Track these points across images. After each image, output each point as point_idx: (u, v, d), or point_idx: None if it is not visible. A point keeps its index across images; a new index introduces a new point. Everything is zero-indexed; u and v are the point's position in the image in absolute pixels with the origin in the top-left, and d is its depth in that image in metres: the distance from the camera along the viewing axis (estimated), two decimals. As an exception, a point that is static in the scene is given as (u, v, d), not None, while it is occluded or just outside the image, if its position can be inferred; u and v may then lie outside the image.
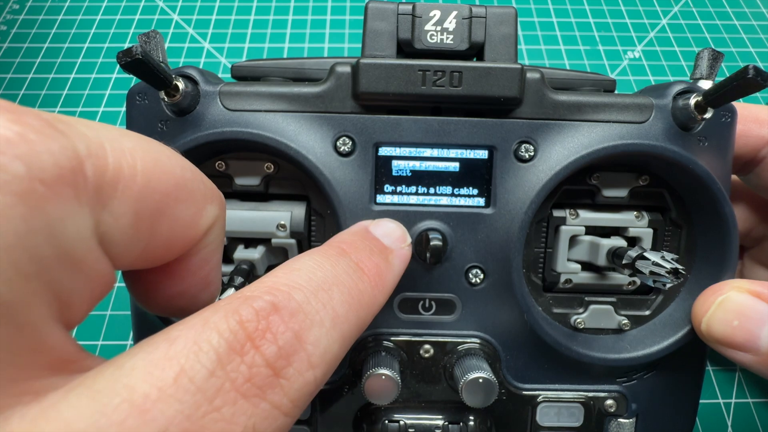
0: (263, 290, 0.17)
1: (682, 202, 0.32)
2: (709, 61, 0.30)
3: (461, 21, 0.29)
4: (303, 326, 0.17)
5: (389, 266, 0.24)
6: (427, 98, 0.29)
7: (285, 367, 0.16)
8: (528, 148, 0.30)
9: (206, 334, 0.15)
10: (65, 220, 0.14)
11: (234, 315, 0.16)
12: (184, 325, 0.15)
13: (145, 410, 0.13)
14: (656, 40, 0.67)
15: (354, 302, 0.20)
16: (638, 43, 0.66)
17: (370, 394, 0.29)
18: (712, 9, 0.70)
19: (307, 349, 0.17)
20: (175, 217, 0.18)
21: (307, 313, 0.18)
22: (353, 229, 0.26)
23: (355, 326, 0.20)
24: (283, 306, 0.17)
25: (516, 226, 0.30)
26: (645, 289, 0.33)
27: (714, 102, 0.28)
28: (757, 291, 0.28)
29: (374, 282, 0.22)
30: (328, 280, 0.20)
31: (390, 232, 0.26)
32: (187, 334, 0.15)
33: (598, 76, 0.35)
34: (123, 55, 0.24)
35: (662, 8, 0.70)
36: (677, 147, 0.29)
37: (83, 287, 0.15)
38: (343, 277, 0.20)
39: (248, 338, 0.16)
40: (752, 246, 0.40)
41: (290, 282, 0.18)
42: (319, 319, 0.18)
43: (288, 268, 0.19)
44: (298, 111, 0.30)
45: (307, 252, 0.22)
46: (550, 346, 0.31)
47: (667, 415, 0.33)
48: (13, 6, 0.67)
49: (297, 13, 0.69)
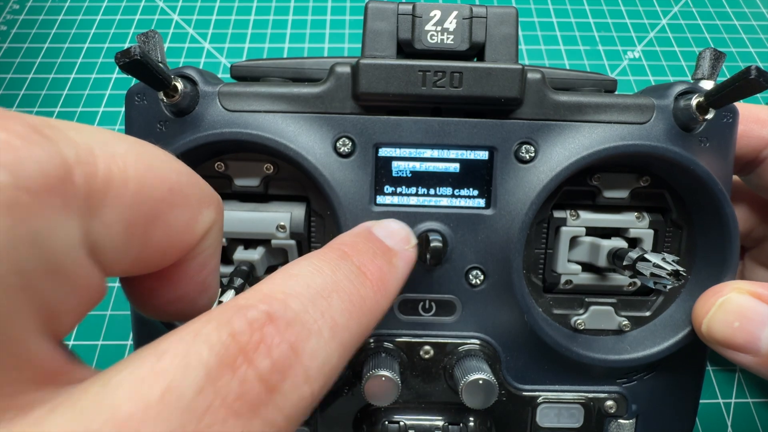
0: (258, 298, 0.16)
1: (683, 203, 0.32)
2: (711, 61, 0.30)
3: (462, 21, 0.29)
4: (299, 337, 0.16)
5: (393, 269, 0.23)
6: (427, 99, 0.29)
7: (280, 382, 0.15)
8: (528, 148, 0.30)
9: (196, 347, 0.14)
10: (52, 231, 0.13)
11: (226, 326, 0.15)
12: (174, 337, 0.15)
13: (130, 430, 0.13)
14: (656, 40, 0.67)
15: (355, 309, 0.19)
16: (638, 43, 0.66)
17: (370, 395, 0.29)
18: (711, 9, 0.70)
19: (304, 362, 0.16)
20: (170, 223, 0.17)
21: (305, 323, 0.17)
22: (355, 230, 0.25)
23: (356, 335, 0.19)
24: (279, 316, 0.16)
25: (516, 227, 0.30)
26: (645, 290, 0.33)
27: (716, 103, 0.27)
28: (758, 292, 0.27)
29: (377, 287, 0.21)
30: (327, 286, 0.19)
31: (394, 233, 0.25)
32: (176, 348, 0.14)
33: (600, 75, 0.34)
34: (121, 56, 0.24)
35: (662, 8, 0.70)
36: (678, 148, 0.29)
37: (71, 298, 0.14)
38: (343, 283, 0.19)
39: (240, 351, 0.15)
40: (753, 246, 0.40)
41: (287, 289, 0.17)
42: (317, 329, 0.17)
43: (285, 274, 0.18)
44: (298, 112, 0.29)
45: (307, 255, 0.21)
46: (550, 347, 0.31)
47: (667, 416, 0.33)
48: (14, 6, 0.67)
49: (297, 13, 0.69)
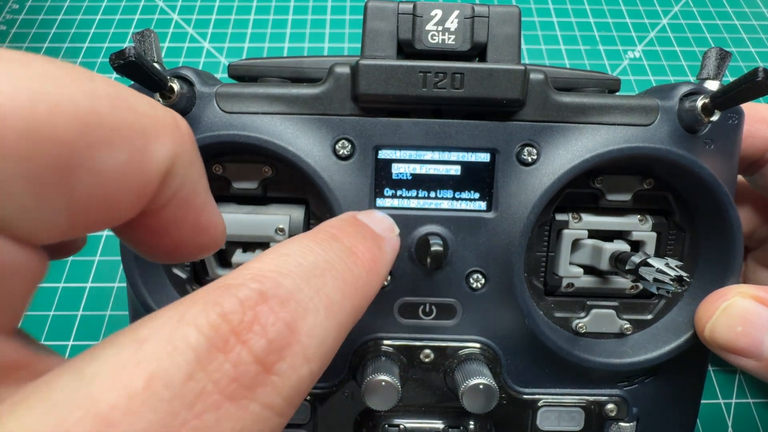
0: (248, 277, 0.15)
1: (686, 206, 0.31)
2: (716, 60, 0.29)
3: (463, 21, 0.28)
4: (296, 316, 0.15)
5: (382, 253, 0.22)
6: (428, 100, 0.28)
7: (277, 362, 0.14)
8: (531, 151, 0.29)
9: (182, 331, 0.13)
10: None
11: (215, 307, 0.14)
12: (155, 322, 0.13)
13: (113, 423, 0.11)
14: (657, 40, 0.67)
15: (349, 288, 0.18)
16: (639, 43, 0.66)
17: (370, 399, 0.28)
18: (712, 9, 0.70)
19: (302, 341, 0.15)
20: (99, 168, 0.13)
21: (299, 301, 0.15)
22: (341, 216, 0.24)
23: (350, 315, 0.18)
24: (272, 294, 0.15)
25: (518, 231, 0.29)
26: (647, 294, 0.33)
27: (721, 104, 0.27)
28: (762, 297, 0.27)
29: (368, 267, 0.20)
30: (320, 264, 0.18)
31: (379, 220, 0.25)
32: (159, 333, 0.13)
33: (603, 75, 0.34)
34: (116, 58, 0.23)
35: (663, 8, 0.70)
36: (683, 150, 0.29)
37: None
38: (336, 262, 0.18)
39: (232, 332, 0.14)
40: (756, 247, 0.40)
41: (278, 268, 0.16)
42: (314, 307, 0.16)
43: (275, 253, 0.17)
44: (296, 113, 0.29)
45: (295, 237, 0.20)
46: (551, 350, 0.30)
47: (668, 420, 0.33)
48: (13, 6, 0.67)
49: (297, 12, 0.69)
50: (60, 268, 0.50)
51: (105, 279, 0.50)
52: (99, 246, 0.51)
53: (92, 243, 0.51)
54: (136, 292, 0.30)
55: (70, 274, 0.50)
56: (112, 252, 0.51)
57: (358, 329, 0.31)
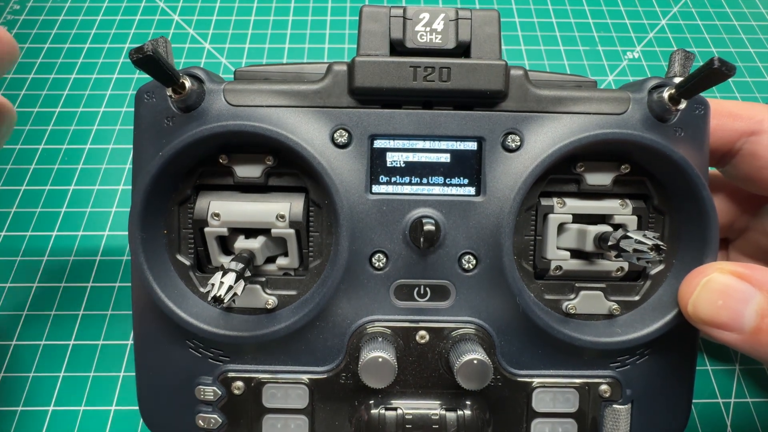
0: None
1: (663, 190, 0.35)
2: (681, 60, 0.34)
3: (448, 22, 0.33)
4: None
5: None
6: (418, 92, 0.32)
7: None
8: (514, 138, 0.33)
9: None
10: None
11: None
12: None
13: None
14: (655, 41, 0.69)
15: None
16: (637, 44, 0.69)
17: (367, 377, 0.31)
18: (711, 9, 0.72)
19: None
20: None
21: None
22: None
23: None
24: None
25: (506, 212, 0.33)
26: (633, 276, 0.36)
27: (686, 93, 0.31)
28: (739, 272, 0.30)
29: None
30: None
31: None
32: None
33: (581, 77, 0.38)
34: (135, 52, 0.27)
35: (661, 9, 0.73)
36: (654, 135, 0.32)
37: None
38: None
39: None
40: (736, 237, 0.43)
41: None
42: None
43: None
44: (297, 106, 0.33)
45: None
46: (543, 330, 0.33)
47: (663, 402, 0.35)
48: (14, 6, 0.70)
49: (297, 13, 0.71)
50: (61, 269, 0.52)
51: (106, 279, 0.52)
52: (100, 246, 0.53)
53: (94, 242, 0.53)
54: (141, 277, 0.33)
55: (71, 274, 0.52)
56: (113, 252, 0.53)
57: (354, 312, 0.34)
